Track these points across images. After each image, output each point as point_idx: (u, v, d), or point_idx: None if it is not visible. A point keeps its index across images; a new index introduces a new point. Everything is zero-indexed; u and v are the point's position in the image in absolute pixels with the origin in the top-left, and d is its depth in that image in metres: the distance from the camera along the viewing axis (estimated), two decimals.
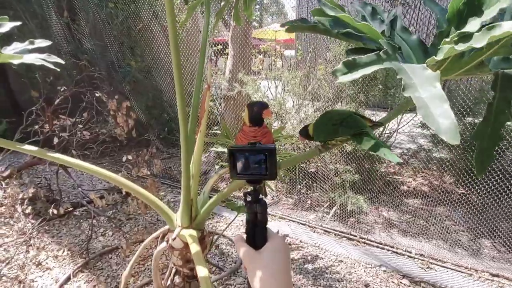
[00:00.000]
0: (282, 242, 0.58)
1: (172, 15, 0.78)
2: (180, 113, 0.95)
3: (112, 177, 1.06)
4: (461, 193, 2.80)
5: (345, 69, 0.55)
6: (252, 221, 0.61)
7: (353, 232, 2.51)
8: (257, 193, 0.62)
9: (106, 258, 2.25)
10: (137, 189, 1.08)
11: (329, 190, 2.82)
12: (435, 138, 3.29)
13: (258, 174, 0.61)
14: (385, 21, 0.85)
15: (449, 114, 0.44)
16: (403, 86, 0.49)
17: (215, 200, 1.13)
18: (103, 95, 2.57)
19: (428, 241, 2.45)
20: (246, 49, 3.44)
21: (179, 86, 0.90)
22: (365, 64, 0.56)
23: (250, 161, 0.61)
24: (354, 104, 2.85)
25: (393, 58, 0.61)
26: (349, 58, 0.56)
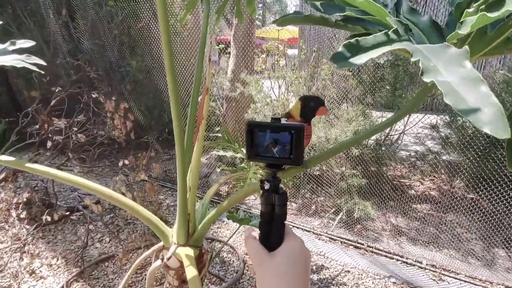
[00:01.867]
0: (301, 245, 0.47)
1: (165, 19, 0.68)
2: (175, 121, 0.85)
3: (97, 189, 0.96)
4: (472, 199, 2.68)
5: (347, 53, 0.43)
6: (267, 215, 0.50)
7: (360, 240, 2.40)
8: (277, 181, 0.51)
9: (102, 267, 2.16)
10: (127, 202, 0.98)
11: (335, 195, 2.71)
12: (444, 141, 3.17)
13: (281, 158, 0.51)
14: (388, 4, 0.74)
15: (490, 98, 0.33)
16: (422, 70, 0.38)
17: (214, 215, 1.03)
18: (101, 95, 2.47)
19: (439, 250, 2.33)
20: (248, 49, 3.33)
21: (173, 92, 0.79)
22: (372, 46, 0.45)
23: (272, 140, 0.51)
24: (362, 106, 2.74)
25: (405, 39, 0.50)
26: (351, 41, 0.45)
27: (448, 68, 0.37)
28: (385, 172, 3.02)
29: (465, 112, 0.32)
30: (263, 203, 0.51)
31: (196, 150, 1.01)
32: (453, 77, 0.35)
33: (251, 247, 0.48)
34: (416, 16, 0.73)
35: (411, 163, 3.45)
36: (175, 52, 3.36)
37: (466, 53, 0.37)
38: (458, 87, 0.34)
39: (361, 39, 0.44)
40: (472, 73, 0.35)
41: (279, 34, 6.04)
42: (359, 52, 0.43)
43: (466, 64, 0.36)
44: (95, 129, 2.73)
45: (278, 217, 0.50)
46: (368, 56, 0.43)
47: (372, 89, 2.80)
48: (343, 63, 0.42)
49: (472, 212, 2.51)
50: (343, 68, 0.41)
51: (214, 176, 3.43)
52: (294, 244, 0.47)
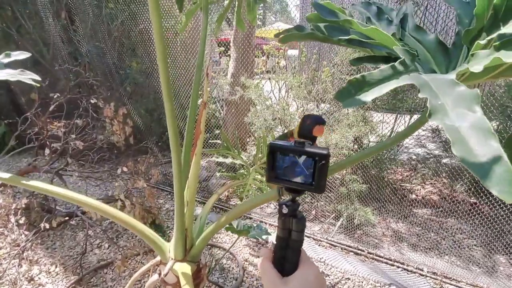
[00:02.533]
0: (316, 273, 0.46)
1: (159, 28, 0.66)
2: (172, 137, 0.83)
3: (87, 203, 0.94)
4: (473, 204, 2.67)
5: (353, 90, 0.42)
6: (284, 240, 0.49)
7: (361, 246, 2.38)
8: (296, 205, 0.49)
9: (101, 273, 2.15)
10: (121, 216, 0.97)
11: (335, 201, 2.70)
12: (446, 144, 3.15)
13: (303, 184, 0.49)
14: (393, 20, 0.72)
15: (501, 156, 0.31)
16: (430, 111, 0.36)
17: (212, 230, 1.01)
18: (100, 100, 2.46)
19: (440, 257, 2.32)
20: (248, 52, 3.31)
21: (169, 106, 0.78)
22: (378, 82, 0.43)
23: (295, 165, 0.49)
24: (361, 110, 2.72)
25: (412, 69, 0.48)
26: (357, 77, 0.44)
27: (457, 109, 0.35)
28: (386, 176, 3.00)
29: (473, 166, 0.30)
30: (280, 227, 0.49)
31: (193, 165, 1.00)
32: (461, 122, 0.33)
33: (265, 270, 0.47)
34: (422, 34, 0.71)
35: (412, 166, 3.43)
36: (175, 53, 3.34)
37: (477, 97, 0.35)
38: (467, 136, 0.32)
39: (367, 74, 0.42)
40: (483, 121, 0.33)
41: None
42: (365, 89, 0.41)
43: (477, 109, 0.34)
44: (94, 133, 2.72)
45: (295, 243, 0.48)
46: (375, 94, 0.41)
47: None
48: (349, 102, 0.40)
49: (473, 218, 2.49)
50: (349, 107, 0.40)
51: (214, 180, 3.42)
52: (309, 271, 0.46)
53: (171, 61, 3.31)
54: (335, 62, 2.76)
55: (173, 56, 3.28)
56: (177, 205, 0.95)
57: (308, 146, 0.48)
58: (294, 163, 0.49)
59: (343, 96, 0.42)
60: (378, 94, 0.42)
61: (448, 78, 0.43)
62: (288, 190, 0.51)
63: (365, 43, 0.61)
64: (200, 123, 0.95)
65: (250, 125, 3.30)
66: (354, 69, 2.68)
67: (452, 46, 0.69)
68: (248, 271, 2.17)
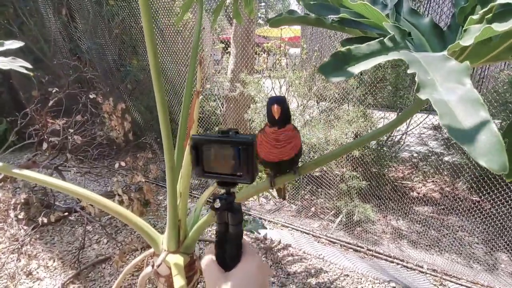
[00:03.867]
0: (258, 265, 0.45)
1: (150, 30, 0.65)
2: (163, 125, 0.82)
3: (84, 195, 0.94)
4: (474, 201, 2.63)
5: (337, 63, 0.40)
6: (222, 234, 0.48)
7: (360, 243, 2.37)
8: (231, 198, 0.48)
9: (99, 268, 2.15)
10: (115, 208, 0.96)
11: (335, 197, 2.68)
12: (448, 141, 3.12)
13: (230, 175, 0.47)
14: (388, 4, 0.70)
15: (489, 125, 0.30)
16: (418, 85, 0.35)
17: (205, 221, 1.00)
18: (99, 96, 2.46)
19: (440, 254, 2.29)
20: (248, 48, 3.30)
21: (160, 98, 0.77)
22: (365, 56, 0.41)
23: (220, 156, 0.47)
24: (362, 106, 2.69)
25: (402, 46, 0.46)
26: (342, 50, 0.42)
27: (446, 84, 0.34)
28: (387, 173, 2.98)
29: (460, 138, 0.29)
30: (217, 222, 0.48)
31: (187, 155, 0.99)
32: (450, 96, 0.32)
33: (206, 266, 0.46)
34: (417, 17, 0.69)
35: (413, 164, 3.40)
36: (176, 50, 3.33)
37: (466, 69, 0.34)
38: (455, 108, 0.31)
39: (354, 47, 0.41)
40: (472, 93, 0.31)
41: (281, 33, 5.96)
42: (350, 63, 0.40)
43: (466, 81, 0.33)
44: (94, 129, 2.72)
45: (233, 236, 0.47)
46: (360, 68, 0.39)
47: (373, 90, 2.75)
48: (331, 75, 0.39)
49: (474, 215, 2.46)
50: (332, 80, 0.38)
51: None
52: (250, 264, 0.45)
53: (172, 59, 3.31)
54: None
55: (174, 53, 3.27)
56: (170, 196, 0.94)
57: (232, 135, 0.46)
58: (221, 155, 0.47)
59: (326, 69, 0.40)
60: (364, 68, 0.41)
61: (439, 54, 0.42)
62: (220, 184, 0.49)
63: (357, 22, 0.60)
64: (193, 112, 0.94)
65: (250, 122, 3.28)
66: None
67: (447, 29, 0.67)
68: None
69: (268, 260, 2.23)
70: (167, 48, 3.33)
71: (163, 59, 3.34)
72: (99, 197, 0.95)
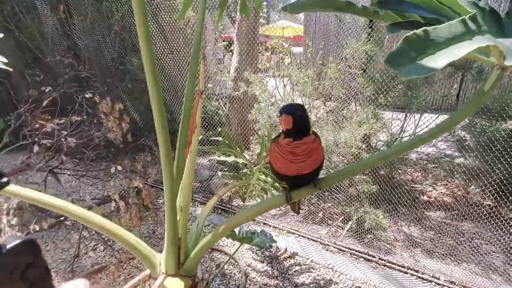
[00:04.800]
0: None
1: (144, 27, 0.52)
2: (159, 131, 0.69)
3: (69, 210, 0.81)
4: (489, 206, 2.50)
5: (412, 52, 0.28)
6: None
7: (371, 251, 2.23)
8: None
9: (95, 278, 2.03)
10: (105, 225, 0.83)
11: (344, 203, 2.54)
12: (460, 143, 2.97)
13: None
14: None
15: None
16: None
17: (210, 240, 0.87)
18: (96, 95, 2.33)
19: (457, 264, 2.15)
20: (252, 46, 3.16)
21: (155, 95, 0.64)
22: (447, 41, 0.29)
23: None
24: (372, 106, 2.55)
25: (485, 30, 0.33)
26: (417, 32, 0.29)
27: None
28: (396, 176, 2.84)
29: None
30: None
31: (188, 164, 0.86)
32: None
33: None
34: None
35: (422, 166, 3.26)
36: (178, 49, 3.20)
37: None
38: None
39: (431, 29, 0.28)
40: None
41: (283, 31, 5.84)
42: (429, 50, 0.27)
43: None
44: (91, 130, 2.59)
45: None
46: (447, 58, 0.26)
47: (384, 89, 2.61)
48: (409, 69, 0.25)
49: (491, 221, 2.32)
50: (409, 77, 0.25)
51: (216, 179, 3.28)
52: None
53: (173, 57, 3.18)
54: (345, 55, 2.60)
55: (176, 51, 3.14)
56: (168, 212, 0.81)
57: None
58: None
59: (398, 61, 0.27)
60: (451, 59, 0.28)
61: None
62: None
63: (407, 3, 0.47)
64: (195, 115, 0.81)
65: (254, 122, 3.15)
66: (364, 63, 2.53)
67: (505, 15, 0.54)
68: (250, 278, 2.03)
69: (274, 270, 2.10)
70: (168, 46, 3.20)
71: (164, 58, 3.21)
72: (88, 213, 0.83)
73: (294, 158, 0.69)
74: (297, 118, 0.68)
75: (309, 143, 0.69)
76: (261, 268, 2.12)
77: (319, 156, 0.71)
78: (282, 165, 0.72)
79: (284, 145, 0.70)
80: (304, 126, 0.70)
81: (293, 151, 0.69)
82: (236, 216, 0.83)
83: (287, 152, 0.69)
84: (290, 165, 0.70)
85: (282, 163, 0.71)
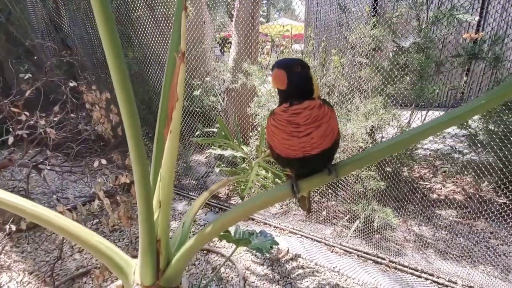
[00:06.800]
0: None
1: None
2: (123, 101, 0.52)
3: (24, 209, 0.64)
4: (503, 204, 2.33)
5: None
6: None
7: (380, 253, 2.06)
8: None
9: (80, 283, 1.85)
10: (67, 228, 0.66)
11: (350, 200, 2.37)
12: (472, 138, 2.80)
13: None
14: None
15: None
16: None
17: (197, 241, 0.70)
18: (82, 86, 2.16)
19: (474, 267, 1.98)
20: (252, 34, 2.99)
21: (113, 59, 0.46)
22: None
23: None
24: (381, 97, 2.38)
25: None
26: None
27: None
28: (407, 171, 2.67)
29: None
30: None
31: (168, 146, 0.68)
32: None
33: None
34: None
35: (430, 163, 3.09)
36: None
37: None
38: None
39: None
40: None
41: (283, 30, 5.65)
42: None
43: None
44: (78, 123, 2.42)
45: None
46: None
47: (391, 80, 2.44)
48: None
49: (507, 220, 2.15)
50: None
51: (213, 176, 3.11)
52: None
53: (165, 51, 3.01)
54: (352, 41, 2.42)
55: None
56: (142, 208, 0.64)
57: None
58: None
59: None
60: None
61: None
62: None
63: None
64: (175, 85, 0.64)
65: (254, 116, 2.98)
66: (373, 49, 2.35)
67: None
68: (249, 282, 1.86)
69: (275, 274, 1.93)
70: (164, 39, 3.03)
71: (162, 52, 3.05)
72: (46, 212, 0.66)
73: (295, 130, 0.52)
74: (294, 74, 0.51)
75: (313, 108, 0.52)
76: (261, 272, 1.95)
77: (331, 129, 0.53)
78: (281, 142, 0.54)
79: (280, 113, 0.53)
80: (305, 87, 0.53)
81: (292, 119, 0.52)
82: (229, 213, 0.65)
83: (284, 121, 0.52)
84: (291, 140, 0.53)
85: (282, 140, 0.54)
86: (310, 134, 0.51)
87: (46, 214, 0.64)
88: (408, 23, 2.37)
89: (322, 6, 4.76)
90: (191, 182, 3.15)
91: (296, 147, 0.53)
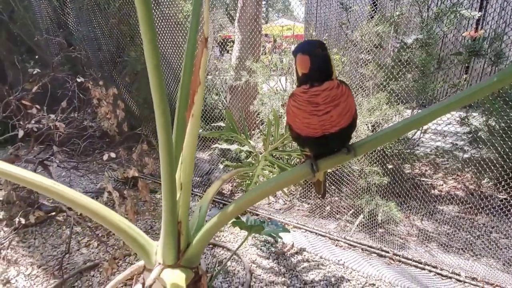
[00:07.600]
0: None
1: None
2: (152, 78, 0.55)
3: (51, 189, 0.66)
4: (503, 200, 2.36)
5: None
6: None
7: (384, 246, 2.09)
8: None
9: (87, 276, 1.87)
10: (93, 208, 0.68)
11: (353, 195, 2.40)
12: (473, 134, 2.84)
13: None
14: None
15: None
16: None
17: (215, 223, 0.72)
18: (88, 82, 2.18)
19: (476, 259, 2.01)
20: (255, 33, 3.02)
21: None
22: None
23: None
24: (384, 93, 2.41)
25: None
26: None
27: None
28: (405, 169, 2.70)
29: None
30: None
31: (190, 130, 0.71)
32: None
33: None
34: None
35: (432, 160, 3.12)
36: (177, 43, 3.06)
37: None
38: None
39: None
40: None
41: (283, 30, 5.68)
42: None
43: None
44: (85, 119, 2.44)
45: None
46: None
47: (393, 76, 2.47)
48: None
49: (507, 215, 2.19)
50: None
51: (217, 173, 3.14)
52: None
53: (174, 51, 3.03)
54: (354, 38, 2.45)
55: (176, 47, 2.99)
56: (166, 189, 0.66)
57: None
58: None
59: None
60: None
61: None
62: None
63: None
64: (198, 70, 0.67)
65: (257, 114, 3.01)
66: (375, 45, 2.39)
67: None
68: (256, 275, 1.89)
69: (280, 267, 1.95)
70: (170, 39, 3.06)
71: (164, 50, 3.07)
72: (72, 194, 0.68)
73: (314, 109, 0.55)
74: (316, 58, 0.55)
75: (332, 88, 0.55)
76: (267, 265, 1.97)
77: (349, 107, 0.56)
78: (302, 121, 0.58)
79: (300, 94, 0.56)
80: (325, 69, 0.56)
81: (312, 100, 0.55)
82: (251, 192, 0.68)
83: (305, 102, 0.55)
84: (311, 119, 0.56)
85: (302, 119, 0.57)
86: (329, 112, 0.54)
87: (79, 199, 0.66)
88: (410, 21, 2.40)
89: (322, 6, 4.81)
90: (195, 179, 3.17)
91: (316, 125, 0.56)
